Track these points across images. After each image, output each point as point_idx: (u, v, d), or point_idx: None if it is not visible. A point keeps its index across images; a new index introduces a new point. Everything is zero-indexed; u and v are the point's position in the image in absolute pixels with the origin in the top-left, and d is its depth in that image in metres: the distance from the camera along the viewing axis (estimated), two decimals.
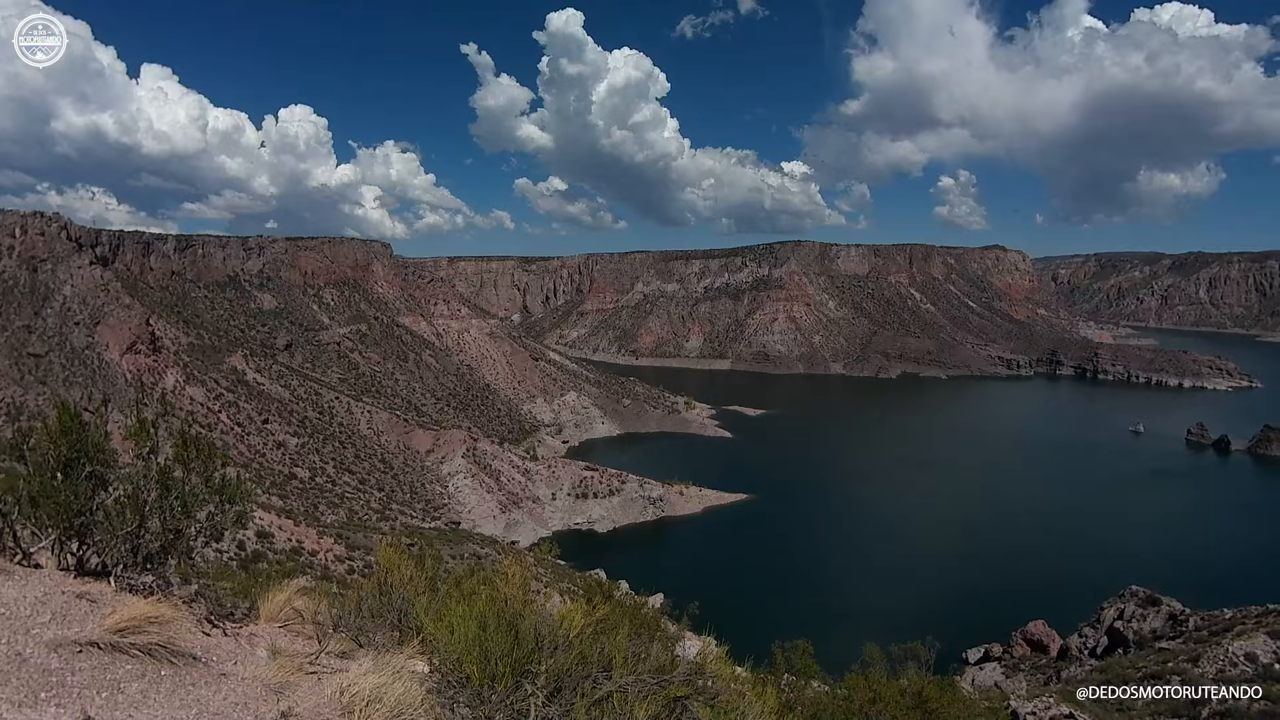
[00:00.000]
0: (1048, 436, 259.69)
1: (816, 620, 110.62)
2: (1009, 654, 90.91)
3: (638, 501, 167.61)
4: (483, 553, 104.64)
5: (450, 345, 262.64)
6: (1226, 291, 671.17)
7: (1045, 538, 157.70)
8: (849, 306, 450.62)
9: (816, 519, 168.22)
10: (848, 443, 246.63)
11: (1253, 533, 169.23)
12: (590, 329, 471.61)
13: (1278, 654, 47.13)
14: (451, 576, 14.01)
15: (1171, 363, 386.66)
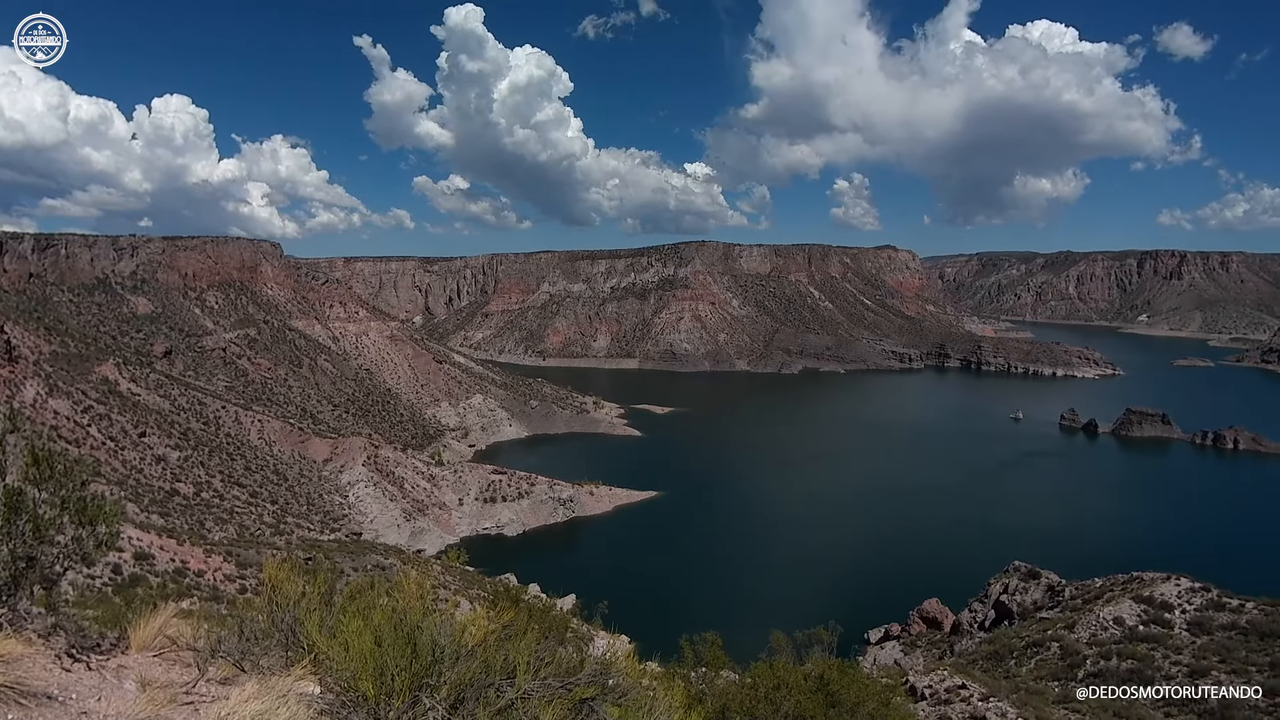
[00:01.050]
0: (938, 425, 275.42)
1: (727, 611, 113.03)
2: (907, 632, 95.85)
3: (548, 503, 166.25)
4: (387, 563, 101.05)
5: (348, 349, 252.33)
6: (1092, 287, 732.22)
7: (937, 520, 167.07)
8: (752, 305, 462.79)
9: (724, 512, 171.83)
10: (753, 437, 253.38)
11: (1118, 506, 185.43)
12: (496, 330, 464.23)
13: (1142, 617, 51.79)
14: (346, 590, 13.42)
15: (1046, 354, 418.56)
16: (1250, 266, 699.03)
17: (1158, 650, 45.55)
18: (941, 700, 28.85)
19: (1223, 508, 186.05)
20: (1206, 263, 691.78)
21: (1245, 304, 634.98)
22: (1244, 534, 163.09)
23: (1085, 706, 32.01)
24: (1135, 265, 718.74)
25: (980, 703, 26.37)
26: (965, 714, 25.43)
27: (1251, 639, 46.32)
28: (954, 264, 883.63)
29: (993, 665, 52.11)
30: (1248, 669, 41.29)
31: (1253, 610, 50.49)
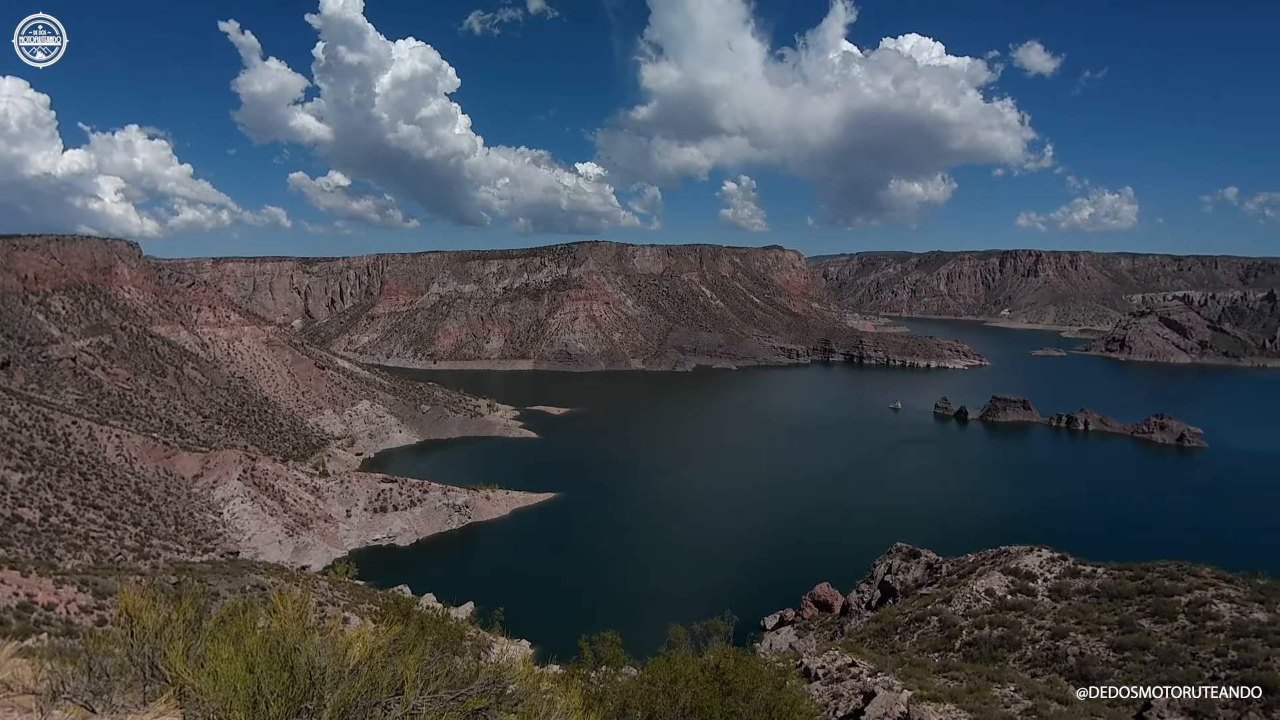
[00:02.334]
0: (824, 416, 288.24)
1: (628, 609, 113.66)
2: (800, 616, 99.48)
3: (442, 510, 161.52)
4: (268, 582, 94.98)
5: (219, 356, 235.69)
6: (961, 285, 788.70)
7: (826, 506, 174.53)
8: (646, 304, 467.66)
9: (623, 510, 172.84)
10: (649, 434, 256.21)
11: (988, 486, 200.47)
12: (383, 333, 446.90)
13: (1010, 588, 55.88)
14: (218, 615, 12.35)
15: (921, 347, 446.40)
16: (1095, 264, 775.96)
17: (1024, 617, 49.33)
18: (834, 679, 29.93)
19: (1076, 483, 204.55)
20: (1059, 261, 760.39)
21: (1092, 298, 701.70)
22: (1095, 506, 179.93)
23: (961, 673, 34.14)
24: (998, 264, 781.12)
25: (869, 678, 27.56)
26: (856, 690, 26.48)
27: (1103, 601, 51.00)
28: (836, 263, 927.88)
29: (880, 642, 54.84)
30: (1100, 628, 45.39)
31: (1103, 575, 55.60)
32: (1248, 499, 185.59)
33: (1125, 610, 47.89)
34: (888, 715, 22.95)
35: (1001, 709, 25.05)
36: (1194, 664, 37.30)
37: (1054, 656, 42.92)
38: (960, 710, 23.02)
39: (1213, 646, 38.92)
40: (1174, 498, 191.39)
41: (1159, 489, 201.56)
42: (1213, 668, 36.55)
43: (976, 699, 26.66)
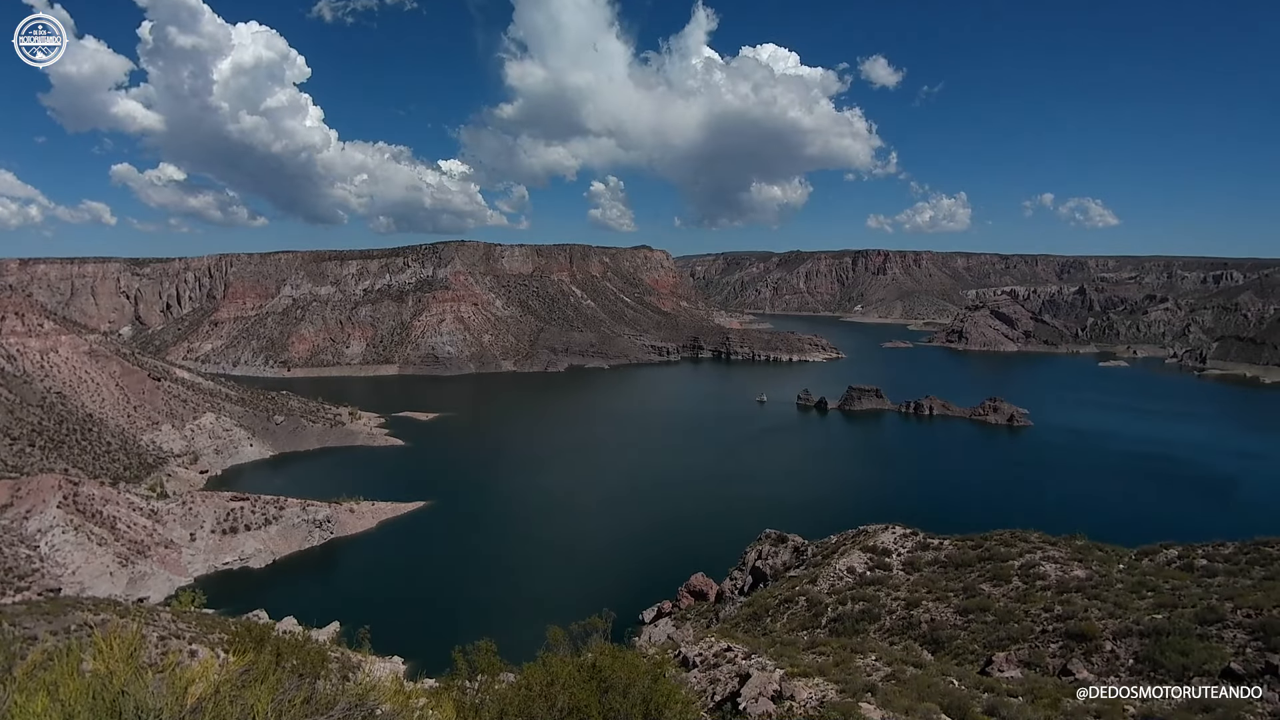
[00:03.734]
0: (695, 411, 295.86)
1: (505, 615, 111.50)
2: (677, 607, 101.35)
3: (301, 527, 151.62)
4: (97, 620, 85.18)
5: (30, 369, 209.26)
6: (818, 282, 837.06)
7: (698, 498, 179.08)
8: (516, 305, 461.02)
9: (497, 514, 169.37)
10: (523, 437, 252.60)
11: (847, 470, 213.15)
12: (228, 340, 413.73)
13: (869, 564, 59.40)
14: (29, 661, 10.71)
15: (783, 342, 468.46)
16: (936, 263, 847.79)
17: (882, 590, 52.61)
18: (711, 665, 30.51)
19: (924, 464, 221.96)
20: (904, 260, 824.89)
21: (933, 294, 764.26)
22: (941, 483, 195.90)
23: (827, 648, 35.93)
24: (851, 263, 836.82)
25: (744, 661, 28.29)
26: (732, 673, 27.09)
27: (949, 570, 55.32)
28: (703, 263, 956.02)
29: (753, 625, 56.77)
30: (947, 595, 49.19)
31: (949, 547, 60.35)
32: (1067, 470, 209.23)
33: (968, 577, 52.19)
34: (762, 695, 23.62)
35: (864, 677, 26.47)
36: (1026, 620, 41.21)
37: (909, 624, 46.08)
38: (828, 683, 24.08)
39: (1041, 603, 43.14)
40: (1007, 472, 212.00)
41: (994, 465, 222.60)
42: (1042, 622, 40.53)
43: (842, 671, 28.02)
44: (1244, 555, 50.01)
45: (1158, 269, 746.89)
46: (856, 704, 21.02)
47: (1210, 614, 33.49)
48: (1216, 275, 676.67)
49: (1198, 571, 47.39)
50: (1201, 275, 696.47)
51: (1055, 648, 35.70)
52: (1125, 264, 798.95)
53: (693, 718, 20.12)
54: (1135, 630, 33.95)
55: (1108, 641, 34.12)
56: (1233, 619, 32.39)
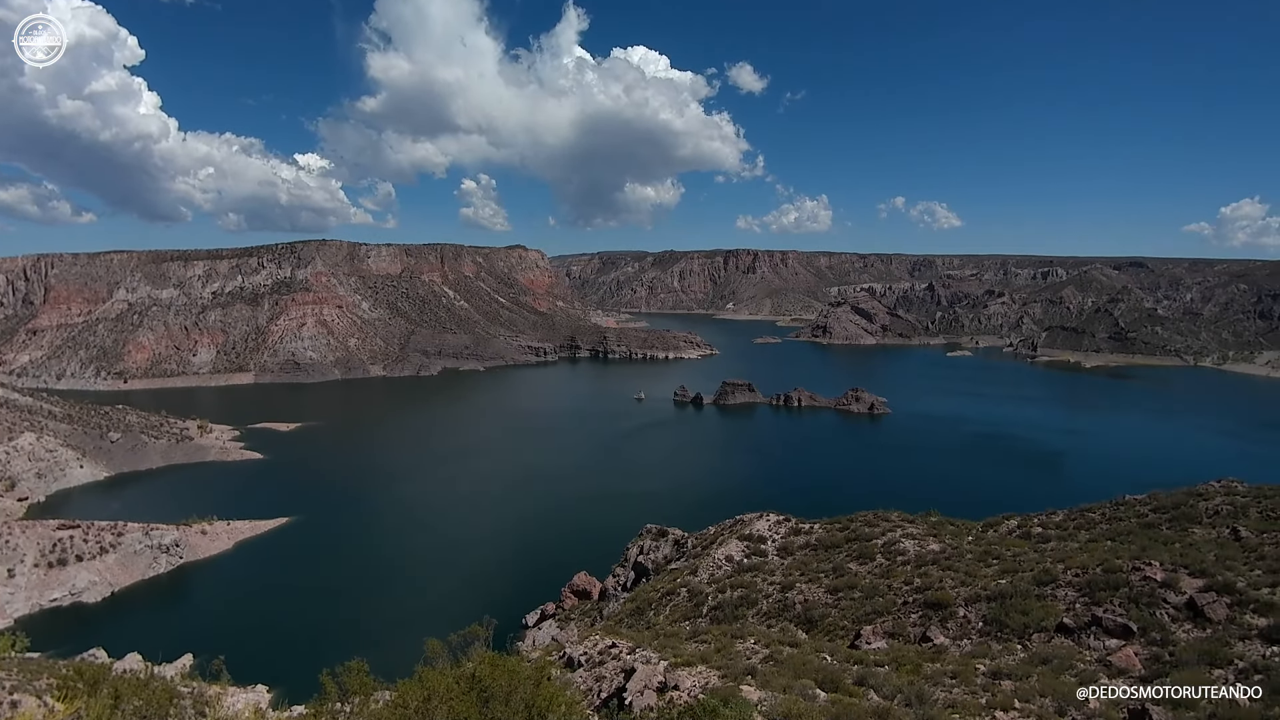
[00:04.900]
0: (573, 410, 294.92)
1: (380, 631, 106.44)
2: (561, 608, 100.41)
3: (144, 553, 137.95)
4: None
5: None
6: (692, 281, 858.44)
7: (578, 497, 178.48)
8: (384, 307, 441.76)
9: (369, 526, 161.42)
10: (393, 444, 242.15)
11: (723, 462, 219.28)
12: (50, 350, 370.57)
13: (746, 552, 61.02)
14: None
15: (659, 340, 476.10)
16: (801, 262, 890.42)
17: (759, 576, 54.22)
18: (596, 663, 30.14)
19: (794, 452, 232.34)
20: (772, 259, 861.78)
21: (800, 292, 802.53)
22: (810, 470, 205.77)
23: (709, 636, 36.52)
24: (722, 262, 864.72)
25: (629, 656, 28.13)
26: (618, 669, 26.84)
27: (820, 552, 57.86)
28: (579, 262, 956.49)
29: (637, 620, 56.97)
30: (819, 576, 51.37)
31: (819, 530, 63.17)
32: (922, 452, 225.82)
33: (837, 558, 54.78)
34: (647, 687, 23.51)
35: (744, 661, 26.98)
36: (890, 594, 43.68)
37: (784, 606, 47.71)
38: (710, 670, 24.33)
39: (902, 577, 45.88)
40: (869, 457, 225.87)
41: (858, 451, 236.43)
42: (904, 594, 43.07)
43: (723, 657, 28.46)
44: (1071, 521, 55.49)
45: (995, 266, 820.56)
46: (737, 687, 21.29)
47: (1045, 576, 36.71)
48: (1044, 272, 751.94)
49: (1034, 538, 52.07)
50: (1032, 272, 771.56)
51: (915, 617, 37.96)
52: (968, 262, 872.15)
53: (578, 718, 19.69)
54: (983, 596, 36.66)
55: (960, 608, 36.65)
56: (1064, 579, 35.63)
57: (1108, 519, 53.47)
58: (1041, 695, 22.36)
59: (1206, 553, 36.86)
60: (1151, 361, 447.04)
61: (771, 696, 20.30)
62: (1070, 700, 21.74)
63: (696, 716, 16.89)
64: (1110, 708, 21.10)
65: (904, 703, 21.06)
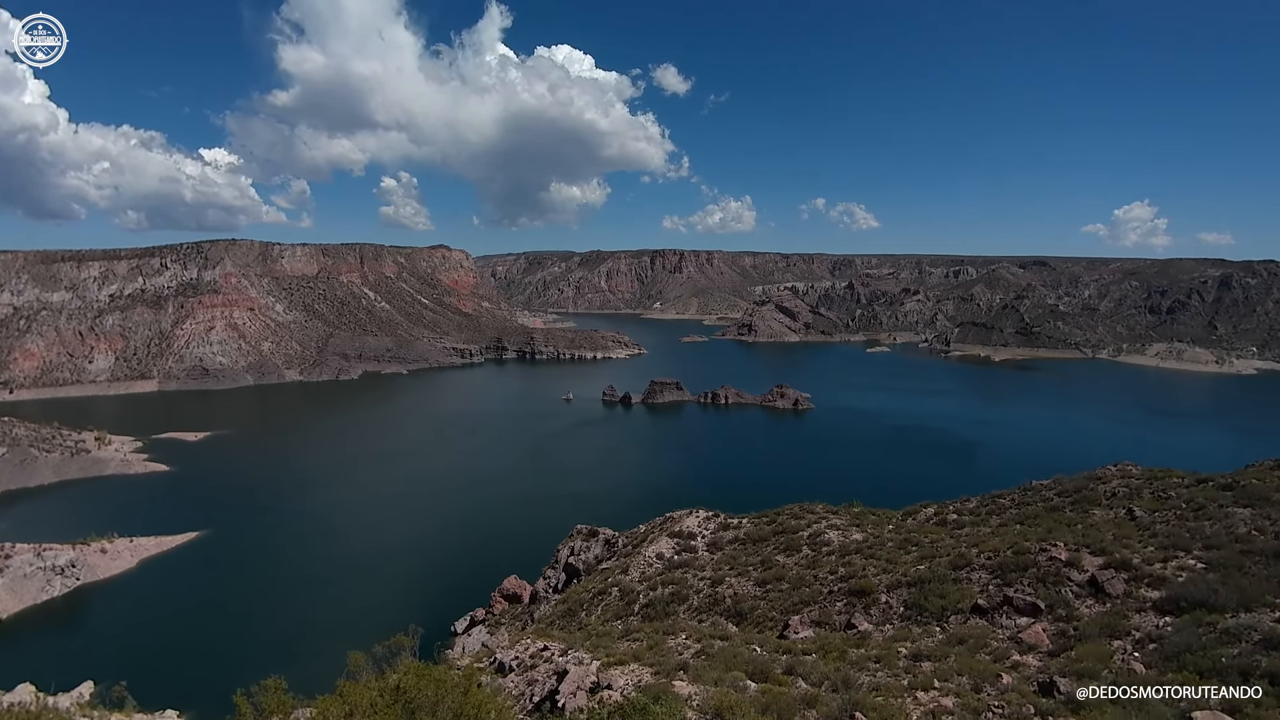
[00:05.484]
0: (500, 412, 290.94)
1: (301, 646, 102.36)
2: (491, 613, 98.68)
3: (36, 576, 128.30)
4: None
5: None
6: (619, 281, 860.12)
7: (507, 500, 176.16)
8: (300, 309, 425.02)
9: (285, 538, 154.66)
10: (312, 451, 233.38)
11: (653, 460, 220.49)
12: None
13: (676, 548, 61.39)
14: None
15: (587, 340, 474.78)
16: (726, 262, 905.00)
17: (689, 572, 54.63)
18: (528, 666, 29.67)
19: (722, 448, 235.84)
20: (699, 259, 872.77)
21: (725, 291, 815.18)
22: (738, 465, 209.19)
23: (641, 633, 36.55)
24: (649, 262, 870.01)
25: (561, 658, 27.81)
26: (550, 672, 26.50)
27: (748, 546, 58.76)
28: (504, 262, 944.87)
29: (568, 621, 56.54)
30: (748, 569, 52.13)
31: (747, 525, 64.14)
32: (844, 445, 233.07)
33: (765, 550, 55.77)
34: (580, 688, 23.28)
35: (676, 657, 27.08)
36: (816, 584, 44.75)
37: (715, 601, 48.24)
38: (643, 667, 24.30)
39: (828, 567, 47.07)
40: (795, 451, 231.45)
41: (784, 445, 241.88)
42: (829, 583, 44.19)
43: (655, 654, 28.50)
44: (984, 508, 58.14)
45: (911, 266, 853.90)
46: (670, 683, 21.32)
47: (961, 560, 38.31)
48: (956, 271, 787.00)
49: (950, 525, 54.31)
50: (945, 271, 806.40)
51: (841, 605, 38.99)
52: (885, 262, 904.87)
53: None
54: (904, 582, 37.96)
55: (883, 594, 37.85)
56: (978, 562, 37.26)
57: (1017, 504, 56.28)
58: (959, 674, 23.23)
59: (1105, 532, 39.20)
60: (1054, 354, 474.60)
61: (703, 690, 20.41)
62: (985, 677, 22.68)
63: (626, 715, 16.79)
64: (1022, 683, 22.11)
65: (830, 689, 21.52)
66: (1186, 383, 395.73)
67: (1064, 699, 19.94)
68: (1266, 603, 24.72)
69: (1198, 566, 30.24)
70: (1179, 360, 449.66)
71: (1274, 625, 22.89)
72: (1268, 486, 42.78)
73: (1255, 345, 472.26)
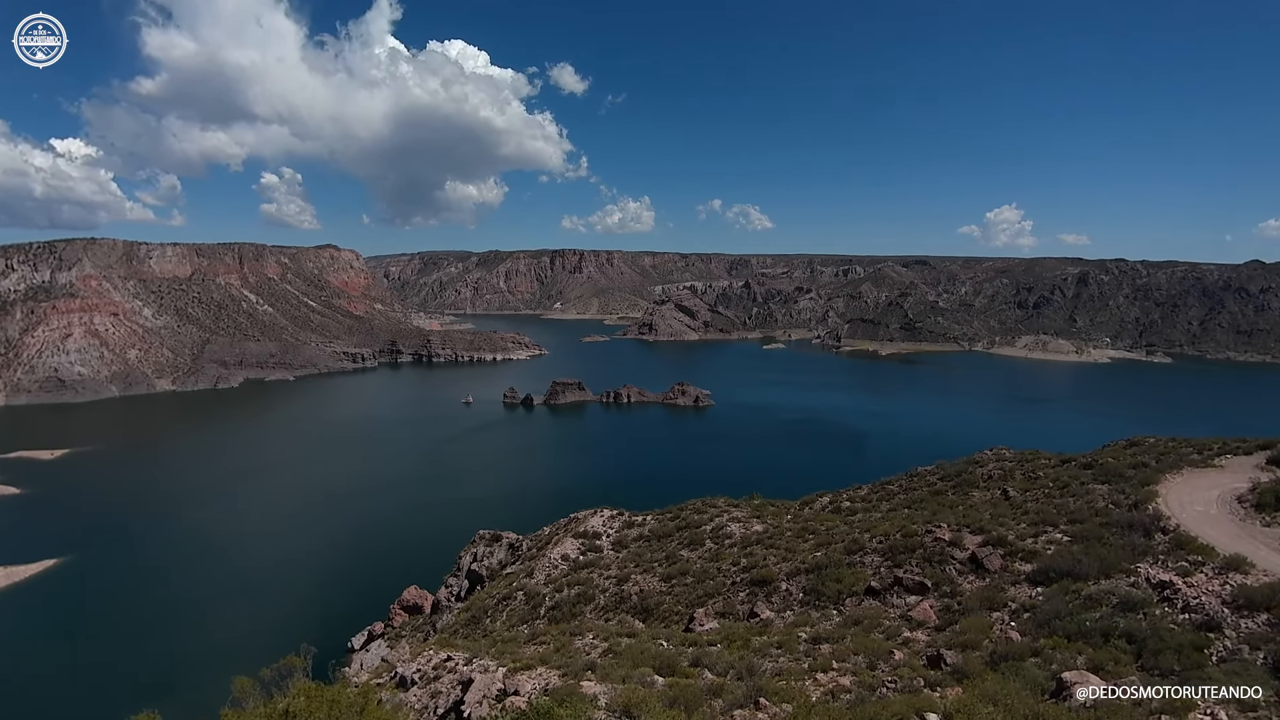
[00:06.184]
0: (396, 418, 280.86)
1: (180, 675, 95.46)
2: (390, 626, 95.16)
3: None
4: None
5: None
6: (518, 281, 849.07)
7: (405, 508, 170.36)
8: (172, 313, 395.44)
9: (158, 560, 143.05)
10: (187, 466, 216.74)
11: (556, 461, 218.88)
12: None
13: (581, 549, 61.11)
14: None
15: (487, 342, 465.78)
16: (626, 262, 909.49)
17: (595, 572, 54.48)
18: (431, 679, 28.67)
19: (625, 447, 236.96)
20: (598, 259, 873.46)
21: (626, 290, 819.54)
22: (641, 463, 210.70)
23: (548, 636, 36.09)
24: (549, 262, 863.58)
25: (465, 667, 27.04)
26: (454, 682, 25.73)
27: (653, 542, 59.23)
28: (398, 263, 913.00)
29: (473, 629, 55.20)
30: (653, 566, 52.52)
31: (651, 521, 64.63)
32: (744, 439, 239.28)
33: (670, 546, 56.40)
34: (486, 696, 22.68)
35: (584, 657, 26.87)
36: (720, 576, 45.60)
37: (621, 599, 48.31)
38: (550, 670, 23.96)
39: (730, 559, 48.10)
40: (697, 447, 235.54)
41: (686, 442, 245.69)
42: (732, 575, 45.14)
43: (563, 656, 28.17)
44: (875, 494, 61.04)
45: (804, 265, 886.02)
46: (578, 684, 21.10)
47: (855, 545, 40.00)
48: (845, 270, 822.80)
49: (844, 512, 56.67)
50: (835, 270, 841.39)
51: (744, 595, 39.88)
52: (779, 261, 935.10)
53: None
54: (802, 569, 39.26)
55: (783, 582, 38.99)
56: (870, 546, 39.00)
57: (904, 489, 59.41)
58: (855, 654, 24.19)
59: (984, 512, 41.93)
60: (935, 348, 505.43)
61: (611, 689, 20.31)
62: (879, 655, 23.72)
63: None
64: (913, 657, 23.25)
65: (735, 677, 21.92)
66: (1051, 371, 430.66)
67: (950, 670, 21.10)
68: (1123, 569, 27.08)
69: (1064, 540, 32.79)
70: (1044, 351, 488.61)
71: (1130, 589, 25.09)
72: (1121, 464, 46.99)
73: (1109, 336, 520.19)
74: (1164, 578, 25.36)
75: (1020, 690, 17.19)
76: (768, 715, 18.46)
